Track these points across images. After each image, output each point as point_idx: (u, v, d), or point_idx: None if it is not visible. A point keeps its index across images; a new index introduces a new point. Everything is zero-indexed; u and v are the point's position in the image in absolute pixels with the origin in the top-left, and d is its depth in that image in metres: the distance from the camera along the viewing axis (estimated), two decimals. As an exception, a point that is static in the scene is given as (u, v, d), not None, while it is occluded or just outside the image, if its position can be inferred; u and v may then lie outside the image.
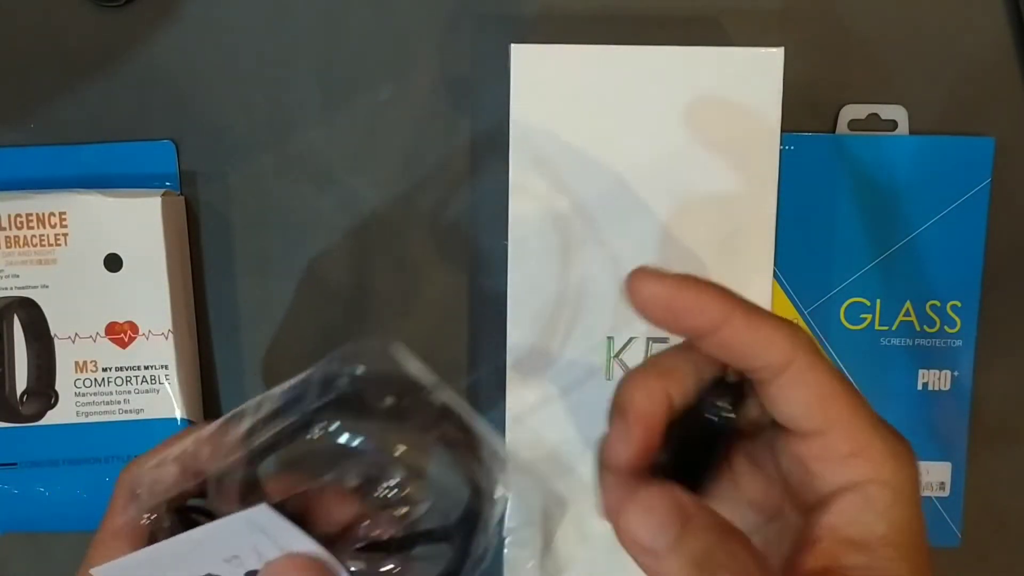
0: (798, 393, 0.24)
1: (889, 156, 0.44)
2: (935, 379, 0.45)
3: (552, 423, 0.40)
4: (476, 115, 0.45)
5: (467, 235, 0.46)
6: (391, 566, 0.30)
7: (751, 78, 0.39)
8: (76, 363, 0.44)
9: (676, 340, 0.27)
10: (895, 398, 0.45)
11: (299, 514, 0.29)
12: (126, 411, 0.44)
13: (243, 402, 0.47)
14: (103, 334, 0.43)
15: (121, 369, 0.44)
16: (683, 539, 0.23)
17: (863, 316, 0.45)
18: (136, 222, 0.43)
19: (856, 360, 0.45)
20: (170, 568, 0.29)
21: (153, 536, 0.30)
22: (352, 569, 0.29)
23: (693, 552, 0.23)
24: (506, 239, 0.39)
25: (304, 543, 0.29)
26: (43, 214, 0.43)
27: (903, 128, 0.45)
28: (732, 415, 0.27)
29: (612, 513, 0.25)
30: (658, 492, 0.24)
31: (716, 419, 0.27)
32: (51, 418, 0.44)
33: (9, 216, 0.43)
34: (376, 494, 0.29)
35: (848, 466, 0.24)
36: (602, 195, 0.39)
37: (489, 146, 0.45)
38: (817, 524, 0.25)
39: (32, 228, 0.43)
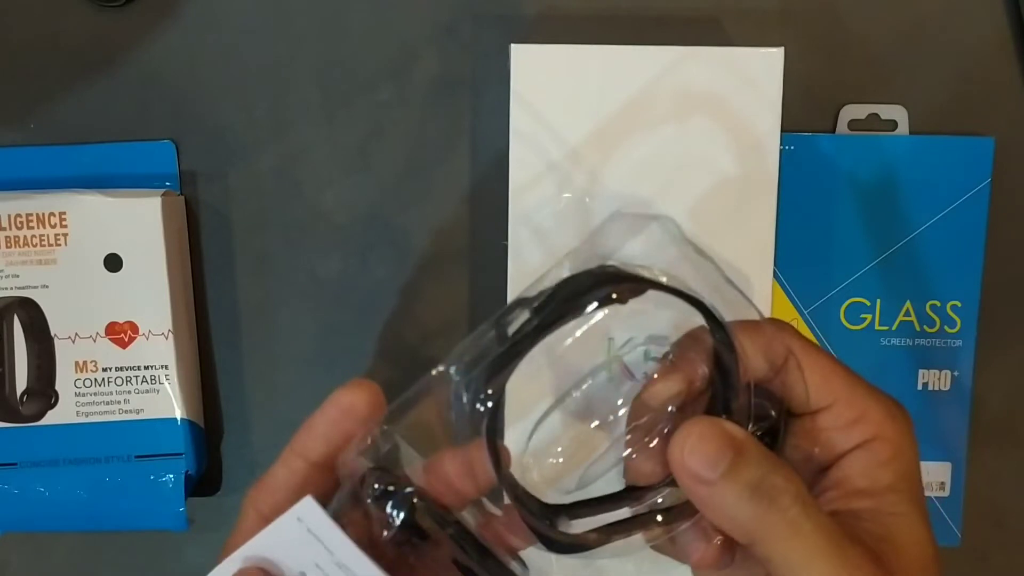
0: (801, 376, 0.27)
1: (889, 156, 0.44)
2: (935, 379, 0.45)
3: (552, 423, 0.39)
4: (476, 115, 0.45)
5: (467, 235, 0.46)
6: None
7: (751, 78, 0.39)
8: (76, 363, 0.44)
9: (676, 338, 0.28)
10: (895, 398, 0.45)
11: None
12: (126, 411, 0.44)
13: (243, 402, 0.47)
14: (103, 334, 0.43)
15: (121, 369, 0.44)
16: (737, 467, 0.25)
17: (863, 316, 0.45)
18: (136, 222, 0.43)
19: (856, 360, 0.45)
20: None
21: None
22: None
23: (749, 479, 0.25)
24: (506, 239, 0.39)
25: (353, 556, 0.25)
26: (43, 214, 0.43)
27: (903, 128, 0.45)
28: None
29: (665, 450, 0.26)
30: (709, 422, 0.26)
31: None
32: (51, 418, 0.44)
33: (9, 216, 0.43)
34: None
35: (853, 430, 0.27)
36: (602, 195, 0.39)
37: (489, 146, 0.45)
38: (825, 480, 0.28)
39: (32, 228, 0.43)
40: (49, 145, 0.45)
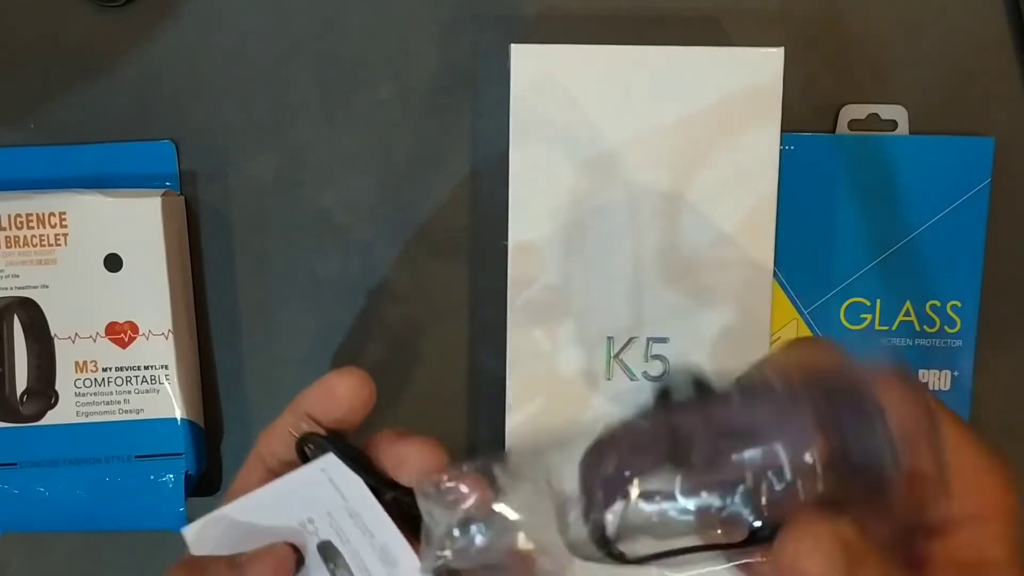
0: (945, 451, 0.25)
1: (889, 156, 0.44)
2: (935, 379, 0.45)
3: (553, 424, 0.40)
4: (476, 115, 0.45)
5: (467, 235, 0.46)
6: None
7: (751, 78, 0.39)
8: (76, 363, 0.44)
9: (678, 339, 0.28)
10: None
11: None
12: (126, 411, 0.44)
13: (243, 402, 0.47)
14: (103, 334, 0.43)
15: (121, 369, 0.44)
16: (855, 570, 0.23)
17: (863, 316, 0.45)
18: (136, 222, 0.43)
19: (856, 360, 0.45)
20: (255, 524, 0.30)
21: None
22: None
23: None
24: (506, 239, 0.39)
25: (368, 503, 0.29)
26: (43, 214, 0.43)
27: (903, 128, 0.45)
28: None
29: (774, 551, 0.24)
30: (822, 525, 0.24)
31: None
32: (51, 418, 0.44)
33: (9, 216, 0.43)
34: None
35: (965, 499, 0.25)
36: (602, 196, 0.39)
37: (489, 146, 0.45)
38: (928, 550, 0.25)
39: (32, 228, 0.43)
40: (49, 145, 0.45)
